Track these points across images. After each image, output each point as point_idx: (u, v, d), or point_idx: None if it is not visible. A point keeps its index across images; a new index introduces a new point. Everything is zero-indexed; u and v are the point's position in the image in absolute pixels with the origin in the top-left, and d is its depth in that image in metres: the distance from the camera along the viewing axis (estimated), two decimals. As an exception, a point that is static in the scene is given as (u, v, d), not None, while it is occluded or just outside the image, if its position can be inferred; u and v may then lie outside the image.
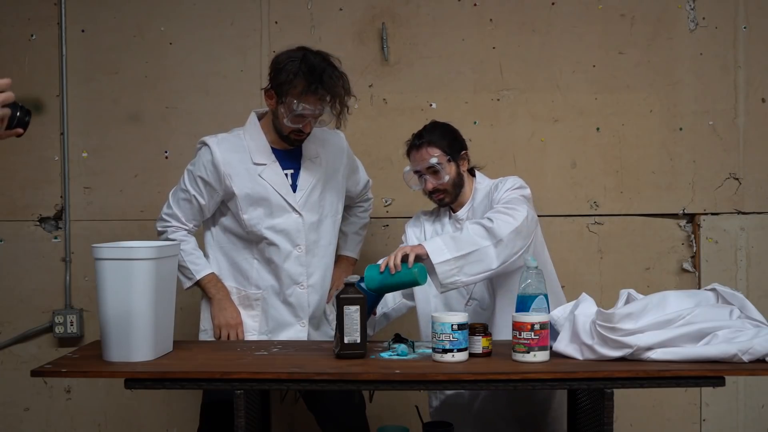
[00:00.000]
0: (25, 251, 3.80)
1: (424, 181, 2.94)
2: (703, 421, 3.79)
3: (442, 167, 2.90)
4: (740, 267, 3.77)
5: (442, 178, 2.91)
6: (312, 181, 3.03)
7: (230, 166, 2.96)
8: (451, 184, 2.93)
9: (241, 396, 2.37)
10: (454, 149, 2.95)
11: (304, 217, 3.01)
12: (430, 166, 2.91)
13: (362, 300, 2.52)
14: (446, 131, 2.99)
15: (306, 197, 3.01)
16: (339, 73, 2.88)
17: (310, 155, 3.05)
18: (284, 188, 2.99)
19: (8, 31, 3.78)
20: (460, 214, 2.98)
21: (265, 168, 2.98)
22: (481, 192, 2.97)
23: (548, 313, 2.52)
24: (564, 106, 3.77)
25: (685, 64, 3.76)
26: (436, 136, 2.94)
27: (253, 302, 3.05)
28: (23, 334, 3.82)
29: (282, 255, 3.00)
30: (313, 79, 2.82)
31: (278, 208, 2.98)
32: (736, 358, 2.36)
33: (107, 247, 2.54)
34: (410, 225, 3.12)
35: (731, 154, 3.76)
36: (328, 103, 2.86)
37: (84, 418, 3.83)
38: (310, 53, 2.89)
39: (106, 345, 2.52)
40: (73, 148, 3.79)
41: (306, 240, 3.01)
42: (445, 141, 2.94)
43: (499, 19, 3.76)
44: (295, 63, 2.85)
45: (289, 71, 2.84)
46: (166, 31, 3.78)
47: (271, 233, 2.99)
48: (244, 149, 2.99)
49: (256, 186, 2.97)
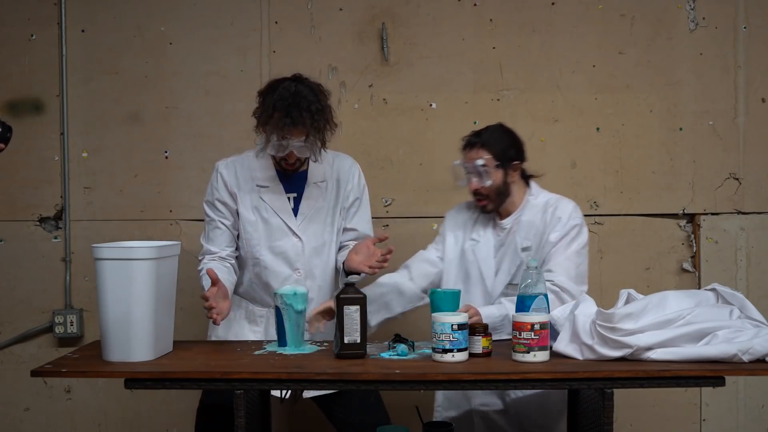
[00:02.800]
0: (25, 251, 3.81)
1: (468, 179, 2.93)
2: (703, 421, 3.79)
3: (487, 171, 2.88)
4: (740, 267, 3.77)
5: (485, 181, 2.89)
6: (314, 206, 3.03)
7: (236, 186, 3.00)
8: (494, 191, 2.91)
9: (241, 396, 2.37)
10: (507, 157, 2.91)
11: (304, 241, 3.01)
12: (475, 167, 2.90)
13: (362, 300, 2.52)
14: (504, 137, 2.95)
15: (307, 222, 3.02)
16: (319, 106, 2.86)
17: (315, 179, 3.04)
18: (285, 212, 3.00)
19: (8, 31, 3.78)
20: (505, 223, 2.96)
21: (267, 190, 3.00)
22: (532, 207, 2.94)
23: (548, 313, 2.52)
24: (564, 106, 3.77)
25: (685, 64, 3.76)
26: (492, 140, 2.91)
27: (257, 318, 3.08)
28: (23, 334, 3.82)
29: (279, 278, 3.00)
30: (285, 112, 2.82)
31: (278, 231, 3.00)
32: (736, 358, 2.36)
33: (107, 247, 2.54)
34: (452, 214, 3.09)
35: (731, 154, 3.76)
36: (302, 136, 2.84)
37: (84, 418, 3.83)
38: (293, 83, 2.88)
39: (106, 345, 2.52)
40: (73, 148, 3.79)
41: (307, 264, 3.02)
42: (499, 146, 2.91)
43: (499, 19, 3.76)
44: (272, 96, 2.86)
45: (266, 104, 2.87)
46: (166, 31, 3.78)
47: (269, 255, 3.00)
48: (250, 171, 3.02)
49: (259, 207, 3.00)
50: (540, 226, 2.89)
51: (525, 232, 2.89)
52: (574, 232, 2.87)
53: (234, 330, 3.08)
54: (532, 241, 2.88)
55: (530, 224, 2.91)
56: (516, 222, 2.94)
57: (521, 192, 2.97)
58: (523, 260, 2.84)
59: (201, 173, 3.74)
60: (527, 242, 2.88)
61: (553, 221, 2.88)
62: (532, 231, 2.89)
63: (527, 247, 2.87)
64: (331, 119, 2.91)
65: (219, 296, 2.81)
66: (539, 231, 2.88)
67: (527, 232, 2.89)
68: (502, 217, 2.97)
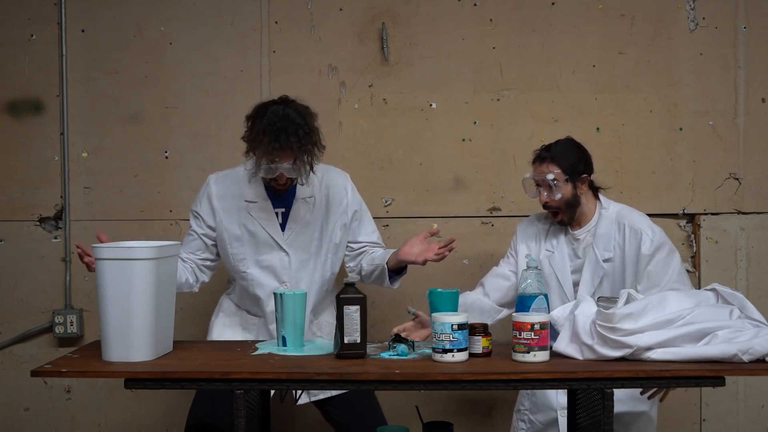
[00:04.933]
0: (25, 251, 3.81)
1: (538, 192, 3.02)
2: (703, 421, 3.79)
3: (557, 185, 2.97)
4: (740, 267, 3.77)
5: (555, 195, 2.98)
6: (302, 221, 3.09)
7: (223, 201, 3.08)
8: (564, 203, 3.00)
9: (241, 396, 2.37)
10: (576, 171, 3.00)
11: (290, 255, 3.08)
12: (545, 180, 2.98)
13: (362, 300, 2.52)
14: (574, 152, 3.04)
15: (295, 236, 3.08)
16: (307, 129, 2.91)
17: (303, 195, 3.09)
18: (272, 226, 3.07)
19: (8, 31, 3.78)
20: (579, 234, 3.06)
21: (255, 205, 3.07)
22: (606, 219, 3.04)
23: (548, 313, 2.53)
24: (564, 106, 3.77)
25: (685, 64, 3.76)
26: (562, 154, 3.01)
27: (250, 326, 3.17)
28: (23, 334, 3.82)
29: (267, 291, 3.07)
30: (275, 137, 2.86)
31: (265, 245, 3.07)
32: (736, 358, 2.36)
33: (107, 247, 2.54)
34: (522, 227, 3.19)
35: (731, 154, 3.76)
36: (290, 160, 2.89)
37: (84, 418, 3.83)
38: (281, 107, 2.92)
39: (106, 345, 2.52)
40: (73, 148, 3.79)
41: (293, 277, 3.09)
42: (568, 161, 3.00)
43: (499, 19, 3.76)
44: (261, 121, 2.91)
45: (256, 129, 2.92)
46: (166, 31, 3.78)
47: (256, 269, 3.08)
48: (239, 186, 3.09)
49: (246, 222, 3.06)
50: (618, 239, 3.00)
51: (604, 244, 3.00)
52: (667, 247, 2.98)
53: (228, 335, 3.17)
54: (612, 252, 3.00)
55: (608, 236, 3.01)
56: (591, 234, 3.04)
57: (591, 203, 3.07)
58: (606, 272, 2.98)
59: (201, 173, 3.73)
60: (608, 254, 3.00)
61: (632, 236, 2.97)
62: (611, 243, 3.00)
63: (609, 259, 3.00)
64: (319, 142, 2.96)
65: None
66: (618, 243, 2.99)
67: (606, 244, 3.00)
68: (574, 228, 3.07)
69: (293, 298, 2.67)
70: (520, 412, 3.19)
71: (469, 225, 3.76)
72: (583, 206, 3.03)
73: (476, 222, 3.77)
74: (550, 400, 3.09)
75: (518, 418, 3.19)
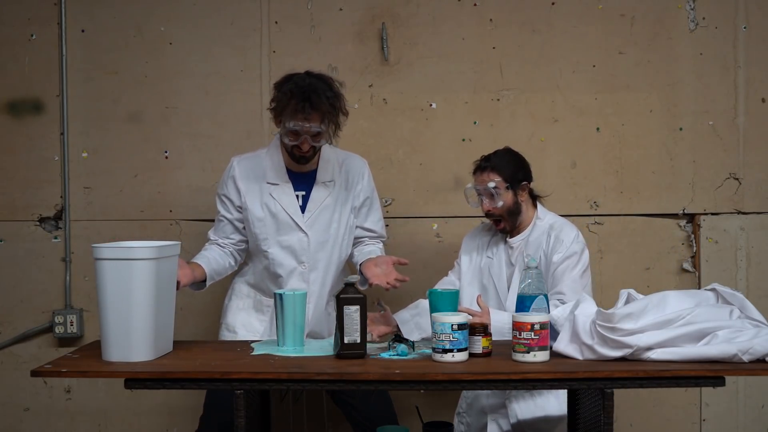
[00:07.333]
0: (25, 251, 3.81)
1: (480, 201, 3.10)
2: (703, 421, 3.79)
3: (498, 193, 3.05)
4: (740, 267, 3.77)
5: (497, 203, 3.06)
6: (321, 204, 3.15)
7: (247, 182, 3.15)
8: (506, 211, 3.08)
9: (241, 396, 2.37)
10: (516, 179, 3.09)
11: (309, 236, 3.14)
12: (486, 189, 3.05)
13: (362, 300, 2.52)
14: (513, 160, 3.13)
15: (314, 218, 3.15)
16: (332, 93, 3.03)
17: (323, 179, 3.18)
18: (292, 208, 3.14)
19: (8, 31, 3.77)
20: (514, 242, 3.12)
21: (277, 188, 3.14)
22: (539, 228, 3.11)
23: (548, 313, 2.52)
24: (564, 106, 3.77)
25: (685, 64, 3.76)
26: (501, 163, 3.09)
27: (264, 308, 3.21)
28: (23, 334, 3.82)
29: (287, 270, 3.14)
30: (301, 98, 2.98)
31: (285, 226, 3.14)
32: (736, 358, 2.36)
33: (107, 247, 2.54)
34: (467, 239, 3.28)
35: (731, 154, 3.76)
36: (318, 121, 3.00)
37: (84, 418, 3.83)
38: (306, 75, 3.06)
39: (106, 345, 2.52)
40: (73, 148, 3.79)
41: (312, 258, 3.15)
42: (508, 169, 3.09)
43: (499, 19, 3.76)
44: (288, 84, 3.02)
45: (282, 92, 3.02)
46: (166, 31, 3.78)
47: (277, 248, 3.13)
48: (261, 168, 3.16)
49: (268, 203, 3.13)
50: (545, 247, 3.06)
51: (533, 252, 3.05)
52: (576, 257, 3.01)
53: (241, 318, 3.23)
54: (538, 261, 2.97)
55: (537, 244, 3.07)
56: (524, 242, 3.10)
57: (530, 212, 3.15)
58: None
59: (201, 173, 3.74)
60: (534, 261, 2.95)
61: (556, 244, 3.03)
62: (539, 251, 3.05)
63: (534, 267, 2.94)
64: (344, 107, 3.08)
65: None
66: (545, 252, 3.05)
67: (535, 252, 3.05)
68: (512, 236, 3.13)
69: (293, 298, 2.68)
70: (460, 414, 3.22)
71: (469, 225, 3.74)
72: (523, 214, 3.12)
73: (476, 222, 3.74)
74: (482, 404, 3.11)
75: (459, 421, 3.22)
